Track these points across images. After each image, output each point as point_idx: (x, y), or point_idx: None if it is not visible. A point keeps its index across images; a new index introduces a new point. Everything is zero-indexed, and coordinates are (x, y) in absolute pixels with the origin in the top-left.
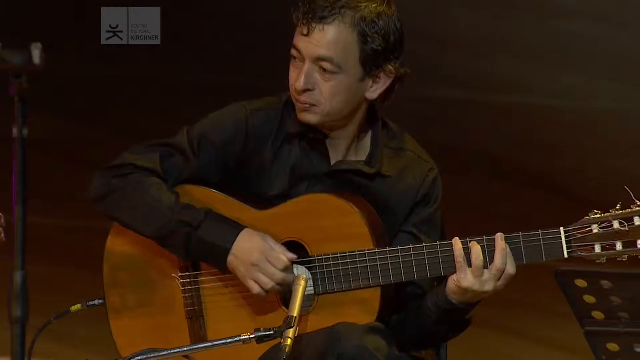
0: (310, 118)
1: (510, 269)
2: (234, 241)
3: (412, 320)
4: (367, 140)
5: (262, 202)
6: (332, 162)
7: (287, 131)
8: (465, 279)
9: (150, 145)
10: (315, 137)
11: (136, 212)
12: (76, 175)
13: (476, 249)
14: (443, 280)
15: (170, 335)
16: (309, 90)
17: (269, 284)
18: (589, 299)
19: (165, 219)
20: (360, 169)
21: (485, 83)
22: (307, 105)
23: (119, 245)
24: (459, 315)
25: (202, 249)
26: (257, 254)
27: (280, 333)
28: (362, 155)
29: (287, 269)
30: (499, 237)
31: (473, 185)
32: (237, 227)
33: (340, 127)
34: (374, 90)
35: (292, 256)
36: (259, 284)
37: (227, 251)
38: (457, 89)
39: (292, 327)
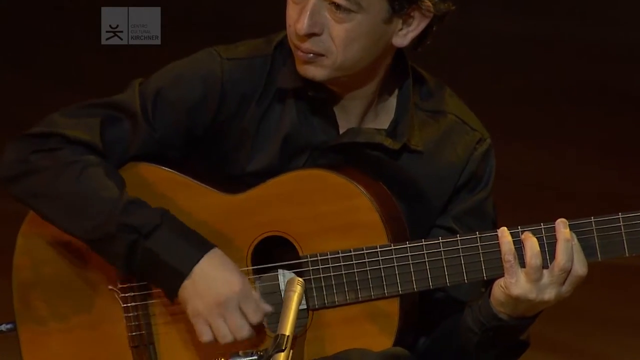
0: (316, 72)
1: (579, 268)
2: (195, 263)
3: (447, 344)
4: (392, 101)
5: (236, 182)
6: (342, 130)
7: (278, 86)
8: (517, 285)
9: (88, 106)
10: (316, 96)
11: (62, 204)
12: None
13: (531, 242)
14: (488, 286)
15: None
16: (314, 34)
17: (227, 337)
18: None
19: (103, 218)
20: (381, 141)
21: None
22: (312, 55)
23: (34, 243)
24: (511, 335)
25: (149, 266)
26: (228, 292)
27: (267, 358)
28: (384, 122)
29: (258, 326)
30: (561, 225)
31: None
32: (202, 244)
33: (355, 85)
34: (404, 35)
35: (269, 309)
36: (213, 332)
37: (182, 276)
38: None
39: (283, 350)
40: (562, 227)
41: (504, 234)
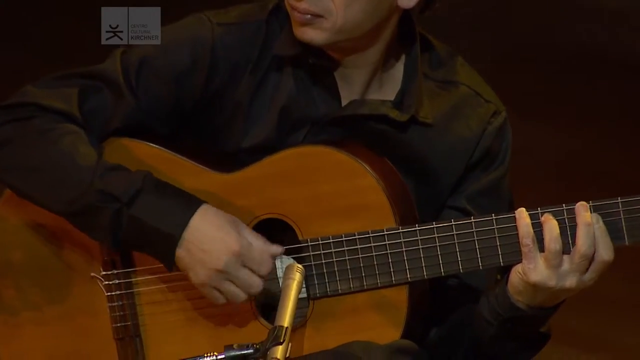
0: (314, 35)
1: (604, 253)
2: (186, 224)
3: (460, 336)
4: (398, 69)
5: (230, 159)
6: (344, 102)
7: (274, 53)
8: (535, 271)
9: (64, 76)
10: (317, 63)
11: (37, 175)
12: None
13: (550, 224)
14: (504, 272)
15: None
16: None
17: (240, 296)
18: None
19: (80, 188)
20: (386, 113)
21: None
22: (309, 17)
23: (7, 226)
24: (530, 326)
25: (136, 235)
26: (226, 256)
27: (263, 352)
28: (390, 92)
29: (270, 274)
30: (582, 208)
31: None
32: (191, 202)
33: (357, 50)
34: None
35: (279, 250)
36: (225, 296)
37: (174, 240)
38: None
39: (281, 343)
40: (583, 211)
41: (522, 216)
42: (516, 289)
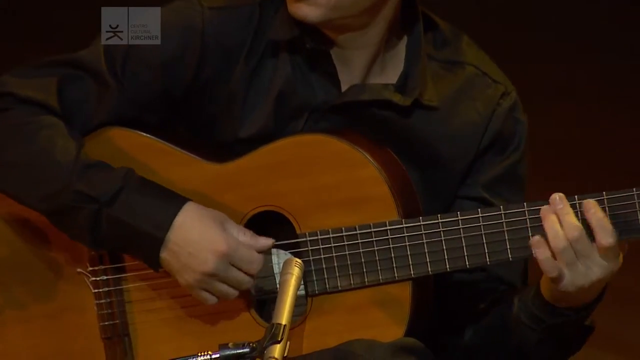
0: (309, 12)
1: (604, 239)
2: (170, 224)
3: (496, 342)
4: (401, 50)
5: (225, 150)
6: (344, 88)
7: (269, 38)
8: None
9: (43, 64)
10: (315, 47)
11: (13, 170)
12: None
13: (550, 221)
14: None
15: None
16: None
17: (231, 294)
18: None
19: (57, 186)
20: (389, 98)
21: None
22: None
23: None
24: (575, 327)
25: (117, 236)
26: (214, 257)
27: (260, 350)
28: (392, 75)
29: (267, 272)
30: (557, 200)
31: None
32: (175, 200)
33: (355, 29)
34: None
35: (268, 242)
36: (216, 295)
37: (159, 241)
38: None
39: (279, 342)
40: (558, 203)
41: (537, 247)
42: (548, 289)
